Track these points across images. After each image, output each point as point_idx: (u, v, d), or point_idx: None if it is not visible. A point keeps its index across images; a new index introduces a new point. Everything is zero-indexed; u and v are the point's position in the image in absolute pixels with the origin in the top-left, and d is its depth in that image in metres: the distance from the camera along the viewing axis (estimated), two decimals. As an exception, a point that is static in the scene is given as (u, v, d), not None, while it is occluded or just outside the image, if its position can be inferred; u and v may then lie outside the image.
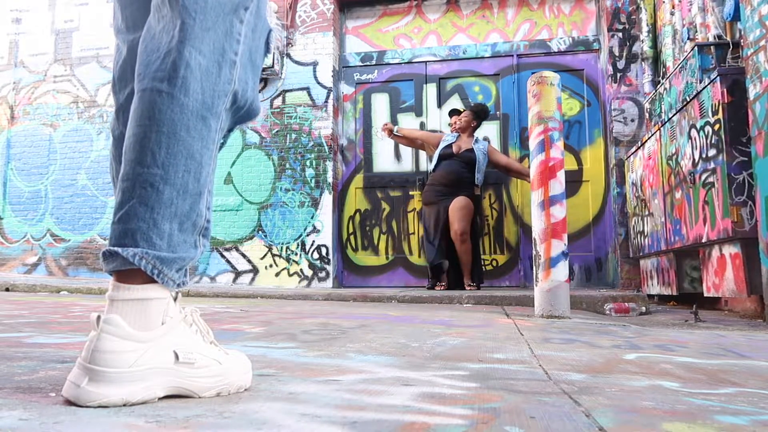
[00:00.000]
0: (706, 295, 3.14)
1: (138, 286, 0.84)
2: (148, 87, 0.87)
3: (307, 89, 5.42)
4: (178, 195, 0.86)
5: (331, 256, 5.19)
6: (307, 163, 5.34)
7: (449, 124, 4.92)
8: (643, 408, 0.91)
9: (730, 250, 2.84)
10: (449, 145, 4.67)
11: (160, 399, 0.85)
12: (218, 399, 0.89)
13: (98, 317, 0.82)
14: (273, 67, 5.31)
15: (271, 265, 5.29)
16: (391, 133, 4.86)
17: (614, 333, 2.11)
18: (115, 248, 0.83)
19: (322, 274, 5.18)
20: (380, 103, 5.53)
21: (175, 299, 0.90)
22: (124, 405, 0.80)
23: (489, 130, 5.25)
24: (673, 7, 4.15)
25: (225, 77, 0.92)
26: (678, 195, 3.33)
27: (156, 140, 0.85)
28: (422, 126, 5.38)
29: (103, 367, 0.79)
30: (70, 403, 0.80)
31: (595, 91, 5.10)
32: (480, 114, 4.75)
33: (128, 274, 0.84)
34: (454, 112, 4.88)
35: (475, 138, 4.75)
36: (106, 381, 0.79)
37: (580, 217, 4.95)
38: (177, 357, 0.85)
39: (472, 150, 4.60)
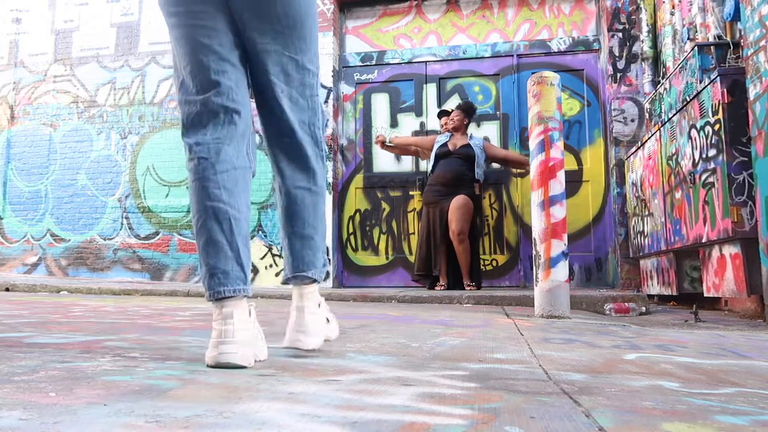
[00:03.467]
0: (706, 295, 3.14)
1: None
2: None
3: (307, 89, 5.41)
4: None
5: (331, 256, 5.19)
6: (307, 163, 5.33)
7: (441, 126, 4.95)
8: (643, 408, 0.91)
9: (730, 250, 2.84)
10: (444, 144, 4.68)
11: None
12: (218, 399, 0.89)
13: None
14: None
15: (271, 265, 5.29)
16: (383, 144, 4.90)
17: (614, 333, 2.11)
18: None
19: (322, 274, 5.17)
20: (380, 103, 5.53)
21: None
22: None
23: (489, 130, 5.25)
24: (673, 7, 4.15)
25: None
26: (678, 195, 3.33)
27: None
28: (422, 126, 5.39)
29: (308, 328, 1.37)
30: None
31: (595, 91, 5.10)
32: (470, 111, 4.79)
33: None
34: (443, 113, 4.93)
35: (469, 134, 4.77)
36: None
37: (580, 217, 4.95)
38: (328, 320, 1.50)
39: (468, 146, 4.61)
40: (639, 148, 4.14)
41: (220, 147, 1.26)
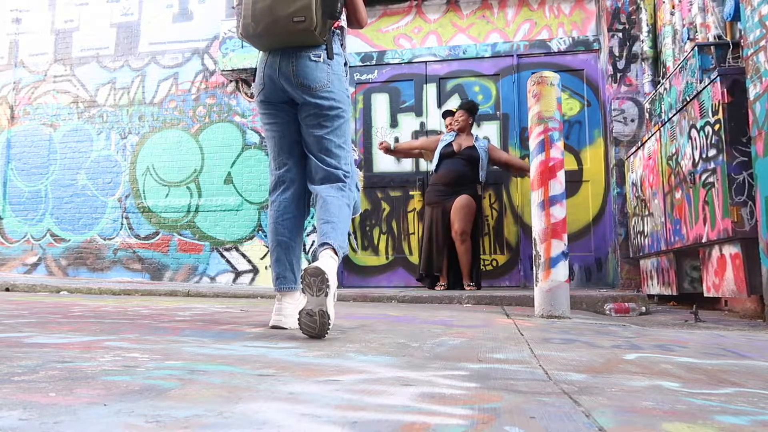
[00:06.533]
0: (706, 295, 3.14)
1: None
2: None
3: (307, 89, 5.41)
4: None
5: (331, 256, 5.18)
6: (307, 163, 5.33)
7: (446, 126, 4.95)
8: (643, 408, 0.91)
9: (730, 250, 2.84)
10: (449, 144, 4.67)
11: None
12: (218, 399, 0.89)
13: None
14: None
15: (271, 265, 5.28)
16: (388, 150, 4.89)
17: (614, 333, 2.11)
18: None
19: (322, 274, 5.17)
20: (380, 103, 5.53)
21: None
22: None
23: (489, 130, 5.25)
24: (673, 7, 4.15)
25: None
26: (678, 195, 3.33)
27: None
28: (422, 126, 5.39)
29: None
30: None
31: (595, 91, 5.10)
32: (473, 110, 4.78)
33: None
34: (447, 113, 4.92)
35: (475, 136, 4.76)
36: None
37: (580, 217, 4.95)
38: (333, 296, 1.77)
39: (473, 147, 4.60)
40: (639, 148, 4.14)
41: (285, 203, 2.07)
